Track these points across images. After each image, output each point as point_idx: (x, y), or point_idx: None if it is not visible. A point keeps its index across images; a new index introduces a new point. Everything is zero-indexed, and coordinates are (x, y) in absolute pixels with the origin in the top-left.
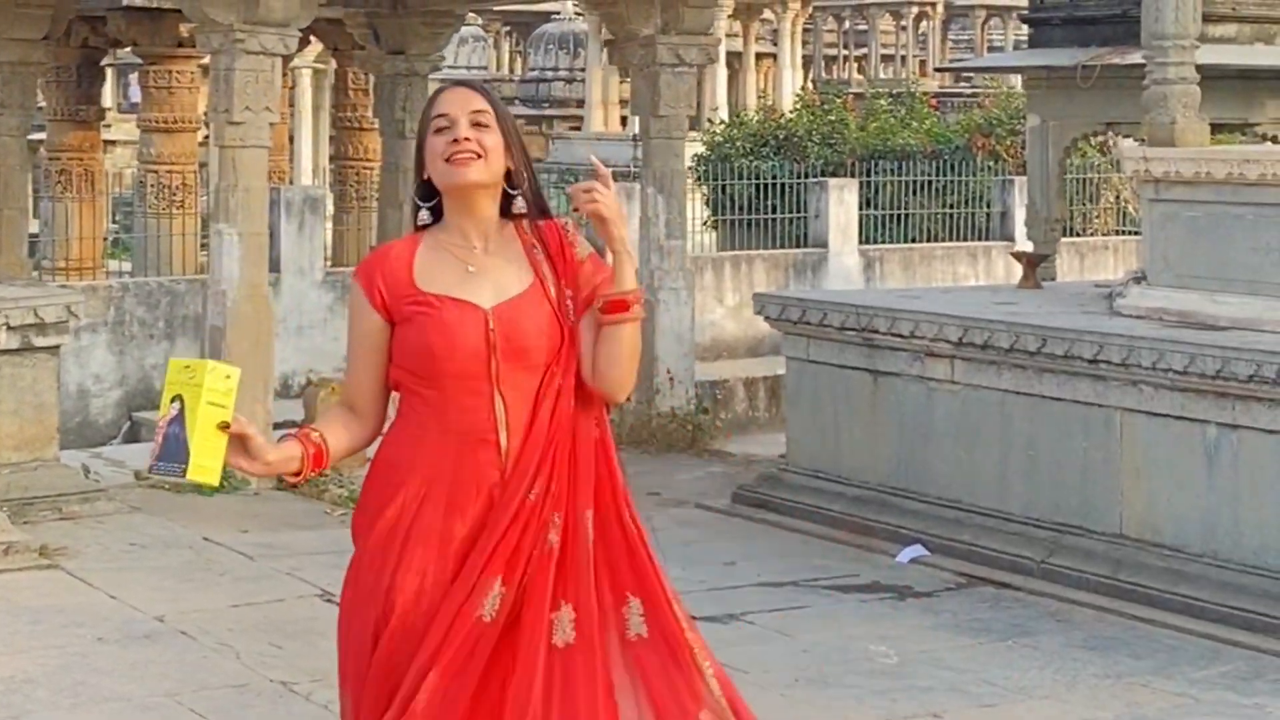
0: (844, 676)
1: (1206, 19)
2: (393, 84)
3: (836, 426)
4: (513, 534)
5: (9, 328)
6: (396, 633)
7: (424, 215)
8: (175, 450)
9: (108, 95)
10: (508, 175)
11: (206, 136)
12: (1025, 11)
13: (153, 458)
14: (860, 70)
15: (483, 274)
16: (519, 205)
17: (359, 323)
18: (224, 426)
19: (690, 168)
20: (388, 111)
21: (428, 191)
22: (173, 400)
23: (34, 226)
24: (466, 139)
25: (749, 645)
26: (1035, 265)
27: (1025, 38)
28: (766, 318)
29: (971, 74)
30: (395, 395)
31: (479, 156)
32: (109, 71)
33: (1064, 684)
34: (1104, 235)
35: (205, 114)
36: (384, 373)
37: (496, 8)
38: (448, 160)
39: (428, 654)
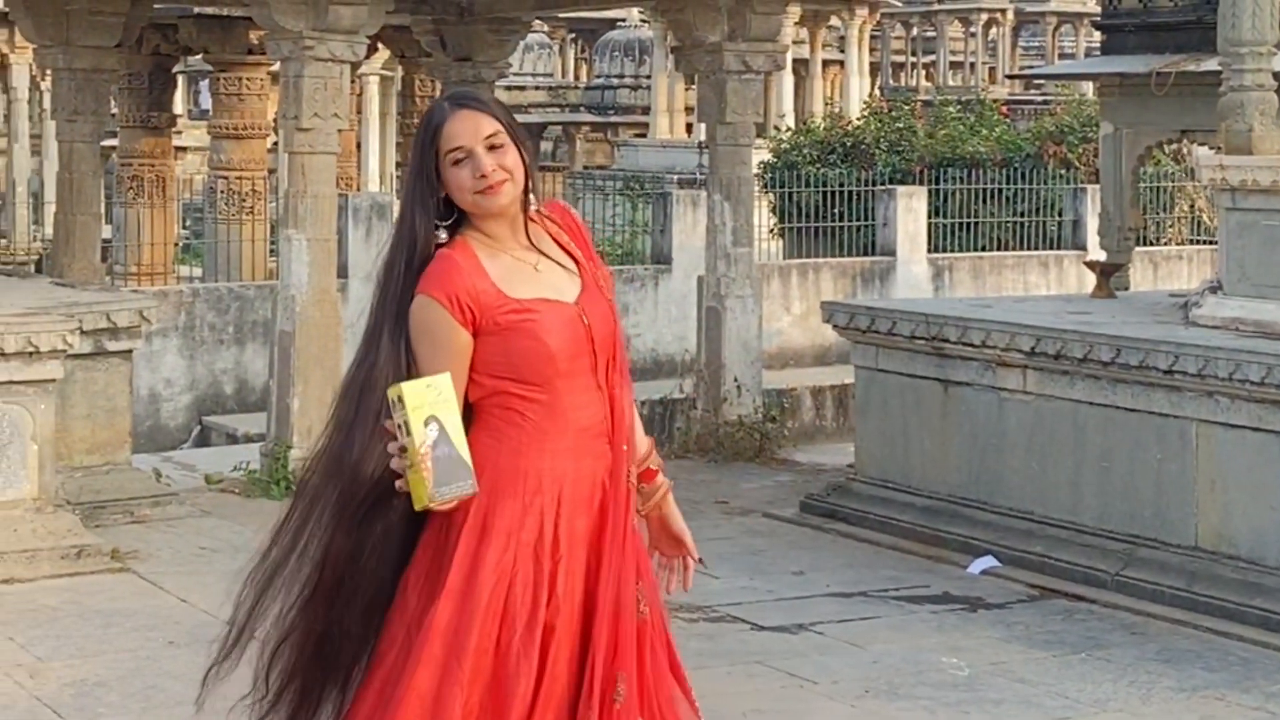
0: (914, 688)
1: None
2: None
3: (906, 436)
4: (628, 522)
5: (82, 332)
6: (565, 638)
7: (442, 234)
8: (454, 470)
9: (178, 102)
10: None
11: (276, 143)
12: (1097, 18)
13: (431, 486)
14: (929, 77)
15: (547, 270)
16: (531, 200)
17: (449, 343)
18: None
19: (756, 175)
20: None
21: (446, 209)
22: (427, 423)
23: (107, 232)
24: (492, 169)
25: (818, 656)
26: (1109, 274)
27: (1097, 44)
28: (835, 326)
29: (1043, 81)
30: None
31: (506, 179)
32: (180, 79)
33: (1138, 697)
34: (1178, 244)
35: (275, 120)
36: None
37: (562, 14)
38: (480, 193)
39: (606, 651)
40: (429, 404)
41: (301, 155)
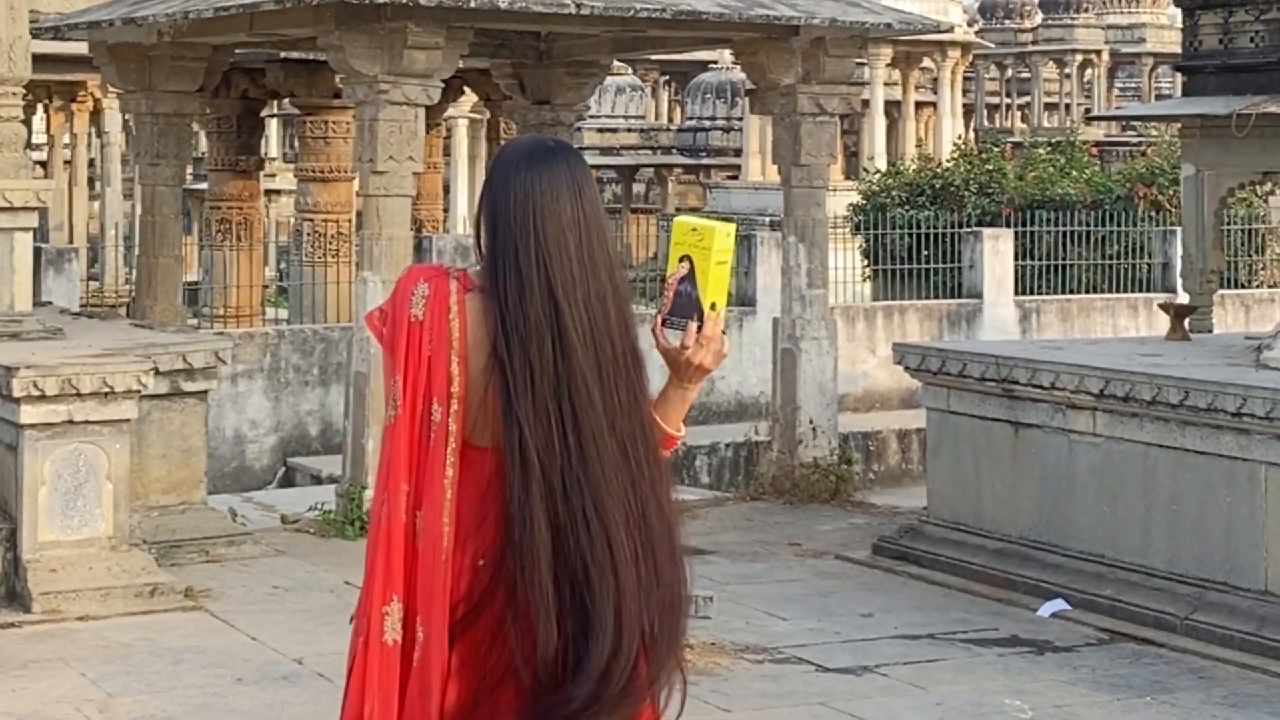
0: None
1: None
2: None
3: (977, 478)
4: None
5: (158, 373)
6: None
7: None
8: (687, 307)
9: (274, 145)
10: None
11: None
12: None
13: (662, 314)
14: (1024, 118)
15: None
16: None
17: None
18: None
19: (846, 217)
20: None
21: None
22: (681, 259)
23: (198, 275)
24: None
25: (881, 697)
26: (1183, 317)
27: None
28: (906, 368)
29: (1138, 123)
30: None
31: None
32: (276, 122)
33: None
34: (1270, 287)
35: None
36: None
37: (648, 57)
38: None
39: None
40: (686, 245)
41: (376, 198)
